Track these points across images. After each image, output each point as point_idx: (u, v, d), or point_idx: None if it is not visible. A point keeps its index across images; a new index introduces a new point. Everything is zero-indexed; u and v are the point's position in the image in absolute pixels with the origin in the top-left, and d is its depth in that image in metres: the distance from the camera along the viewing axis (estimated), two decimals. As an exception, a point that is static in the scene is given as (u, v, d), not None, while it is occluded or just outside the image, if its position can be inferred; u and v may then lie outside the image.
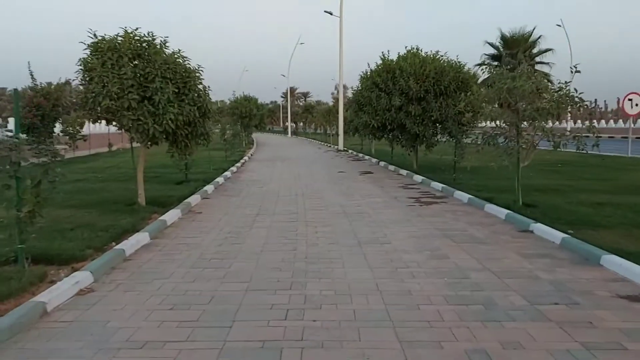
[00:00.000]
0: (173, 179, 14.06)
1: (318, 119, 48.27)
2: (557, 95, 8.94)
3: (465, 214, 9.47)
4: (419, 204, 10.71)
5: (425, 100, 16.40)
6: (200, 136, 9.78)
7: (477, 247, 6.95)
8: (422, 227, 8.32)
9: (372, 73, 17.62)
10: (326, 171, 18.24)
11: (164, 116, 8.68)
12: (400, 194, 12.11)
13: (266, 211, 9.85)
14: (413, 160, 18.07)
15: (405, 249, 6.83)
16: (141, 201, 9.59)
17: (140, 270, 5.90)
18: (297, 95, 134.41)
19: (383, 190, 12.96)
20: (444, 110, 16.16)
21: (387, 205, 10.55)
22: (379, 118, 16.88)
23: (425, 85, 16.23)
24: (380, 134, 18.05)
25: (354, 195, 12.03)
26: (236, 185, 14.17)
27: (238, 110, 34.04)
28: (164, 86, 8.78)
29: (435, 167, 18.10)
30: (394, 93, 16.53)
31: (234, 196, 11.89)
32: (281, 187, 13.72)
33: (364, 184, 14.40)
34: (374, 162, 22.38)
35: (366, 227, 8.25)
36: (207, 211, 9.82)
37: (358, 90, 18.23)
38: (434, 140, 17.18)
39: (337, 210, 9.88)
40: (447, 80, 16.25)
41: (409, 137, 17.03)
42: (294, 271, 5.80)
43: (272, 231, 8.00)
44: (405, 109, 16.45)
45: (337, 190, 12.96)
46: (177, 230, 8.04)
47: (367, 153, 26.61)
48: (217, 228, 8.24)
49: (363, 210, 9.87)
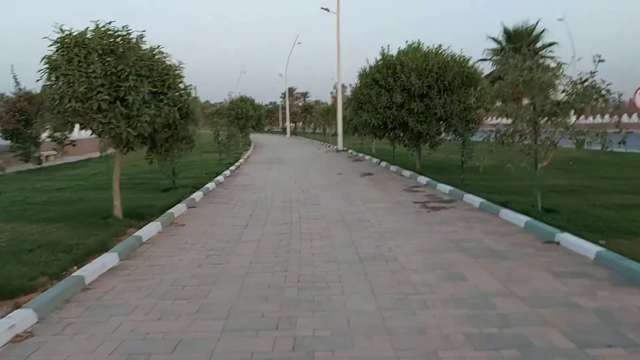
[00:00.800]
0: (160, 186, 13.10)
1: (317, 118, 47.31)
2: (581, 87, 7.96)
3: (479, 221, 8.50)
4: (426, 209, 9.74)
5: (428, 97, 15.43)
6: (182, 140, 8.81)
7: (497, 263, 5.98)
8: (432, 238, 7.35)
9: (372, 69, 16.65)
10: (325, 173, 17.27)
11: (139, 118, 7.72)
12: (405, 198, 11.14)
13: (257, 221, 8.89)
14: (416, 160, 17.10)
15: (414, 267, 5.87)
16: (117, 214, 8.63)
17: (99, 303, 4.94)
18: (296, 96, 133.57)
19: (386, 194, 11.99)
20: (448, 106, 15.20)
21: (391, 211, 9.59)
22: (379, 116, 15.90)
23: (428, 81, 15.26)
24: (381, 133, 17.07)
25: (355, 200, 11.06)
26: (228, 191, 13.21)
27: (234, 111, 33.05)
28: (139, 85, 7.81)
29: (440, 167, 17.14)
30: (395, 90, 15.56)
31: (224, 204, 10.92)
32: (276, 192, 12.75)
33: (365, 187, 13.43)
34: (375, 162, 21.41)
35: (368, 239, 7.29)
36: (191, 223, 8.86)
37: (357, 87, 17.25)
38: (438, 139, 16.20)
39: (335, 219, 8.91)
40: (451, 75, 15.29)
41: (411, 135, 16.05)
42: (283, 302, 4.84)
43: (261, 246, 7.03)
44: (407, 106, 15.48)
45: (336, 195, 12.00)
46: (153, 248, 7.07)
47: (368, 153, 25.65)
48: (200, 244, 7.27)
49: (364, 218, 8.90)
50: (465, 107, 15.34)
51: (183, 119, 8.66)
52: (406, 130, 16.10)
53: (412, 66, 15.36)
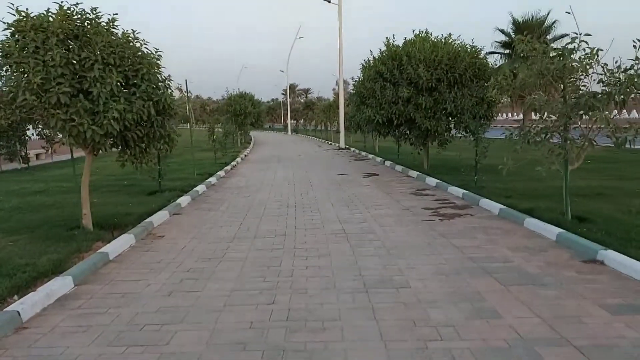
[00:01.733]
0: (148, 189, 12.00)
1: (318, 115, 46.14)
2: (624, 76, 6.79)
3: (502, 232, 7.35)
4: (439, 217, 8.60)
5: (437, 91, 14.27)
6: (159, 139, 7.68)
7: (534, 292, 4.85)
8: (449, 255, 6.21)
9: (376, 61, 15.49)
10: (325, 174, 16.13)
11: (106, 114, 6.59)
12: (413, 203, 10.00)
13: (247, 232, 7.77)
14: (423, 159, 15.95)
15: (433, 298, 4.74)
16: (86, 224, 7.51)
17: (28, 354, 3.83)
18: (298, 92, 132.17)
19: (392, 198, 10.85)
20: (459, 101, 14.04)
21: (399, 220, 8.45)
22: (384, 112, 14.75)
23: (437, 74, 14.10)
24: (385, 130, 15.92)
25: (358, 205, 9.93)
26: (219, 194, 12.09)
27: (232, 107, 31.89)
28: (106, 75, 6.70)
29: (449, 166, 15.99)
30: (401, 83, 14.41)
31: (212, 210, 9.80)
32: (272, 196, 11.63)
33: (369, 189, 12.29)
34: (379, 161, 20.26)
35: (374, 257, 6.16)
36: (171, 234, 7.74)
37: (359, 81, 16.08)
38: (448, 137, 15.04)
39: (336, 229, 7.79)
40: (462, 67, 14.12)
41: (418, 133, 14.89)
42: (266, 351, 3.72)
43: (247, 267, 5.91)
44: (415, 100, 14.33)
45: (337, 199, 10.86)
46: (119, 269, 5.95)
47: (371, 151, 24.50)
48: (176, 262, 6.15)
49: (369, 229, 7.77)
50: (478, 102, 14.21)
51: (160, 115, 7.53)
52: (413, 127, 14.95)
53: (419, 57, 14.20)
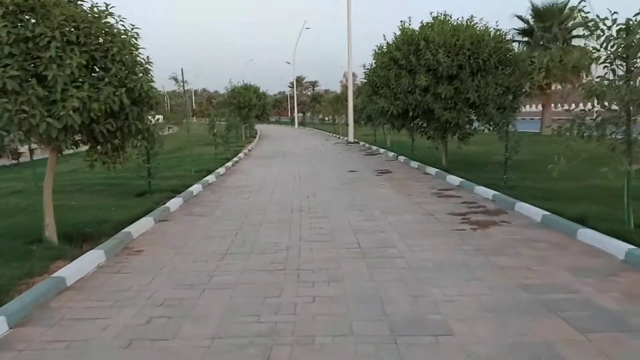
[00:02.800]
0: (138, 188, 10.75)
1: (325, 107, 44.78)
2: None
3: (552, 247, 6.01)
4: (470, 225, 7.26)
5: (458, 79, 12.87)
6: (136, 134, 6.39)
7: (627, 345, 3.52)
8: (494, 279, 4.89)
9: (390, 47, 14.09)
10: (334, 171, 14.80)
11: (64, 104, 5.31)
12: (437, 207, 8.67)
13: (242, 246, 6.48)
14: (442, 154, 14.57)
15: (489, 356, 3.43)
16: (49, 236, 6.25)
17: None
18: (305, 85, 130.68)
19: (411, 200, 9.52)
20: (482, 90, 12.63)
21: (423, 229, 7.13)
22: (399, 103, 13.37)
23: (458, 60, 12.68)
24: (400, 122, 14.55)
25: (372, 210, 8.62)
26: (216, 195, 10.81)
27: (235, 99, 30.56)
28: (66, 56, 5.41)
29: (469, 162, 14.63)
30: (419, 70, 13.01)
31: (205, 216, 8.52)
32: (274, 197, 10.33)
33: (384, 189, 10.96)
34: (391, 156, 18.89)
35: (399, 284, 4.85)
36: (151, 248, 6.46)
37: (371, 69, 14.68)
38: (470, 130, 13.64)
39: (348, 242, 6.48)
40: (487, 52, 12.69)
41: (437, 125, 13.51)
42: None
43: (238, 298, 4.62)
44: (433, 89, 12.93)
45: (348, 201, 9.55)
46: (75, 300, 4.68)
47: (382, 145, 23.11)
48: (149, 290, 4.87)
49: (388, 241, 6.46)
50: (503, 91, 12.81)
51: (137, 105, 6.24)
52: (431, 119, 13.57)
53: (439, 42, 12.78)
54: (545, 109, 29.16)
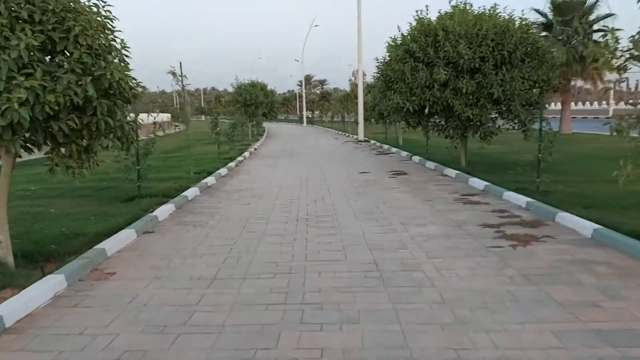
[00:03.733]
0: (127, 193, 9.70)
1: (335, 105, 43.67)
2: None
3: (619, 274, 4.84)
4: (507, 241, 6.12)
5: (480, 73, 11.70)
6: (107, 133, 5.30)
7: None
8: (559, 324, 3.75)
9: (405, 38, 12.92)
10: (344, 172, 13.68)
11: (9, 95, 4.24)
12: (464, 216, 7.53)
13: (236, 267, 5.38)
14: (461, 154, 13.40)
15: None
16: (3, 256, 5.17)
17: None
18: (314, 83, 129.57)
19: (433, 207, 8.38)
20: (507, 85, 11.45)
21: (453, 245, 5.99)
22: (415, 99, 12.21)
23: (481, 51, 11.52)
24: (415, 120, 13.39)
25: (390, 219, 7.50)
26: (213, 200, 9.73)
27: (242, 97, 29.48)
28: (13, 36, 4.34)
29: (491, 163, 13.49)
30: (437, 63, 11.86)
31: (198, 226, 7.43)
32: (278, 203, 9.23)
33: (401, 194, 9.82)
34: (405, 156, 17.72)
35: (434, 329, 3.72)
36: (126, 270, 5.38)
37: (385, 62, 13.51)
38: (493, 128, 12.45)
39: (364, 262, 5.37)
40: (512, 43, 11.51)
41: (457, 123, 12.35)
42: None
43: (218, 349, 3.51)
44: (453, 84, 11.78)
45: (361, 208, 8.43)
46: (7, 350, 3.60)
47: (394, 144, 21.94)
48: (107, 335, 3.77)
49: (413, 262, 5.34)
50: (531, 86, 11.63)
51: (108, 98, 5.15)
52: (450, 116, 12.42)
53: (459, 32, 11.62)
54: (564, 107, 27.80)
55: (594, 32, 26.36)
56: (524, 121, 11.99)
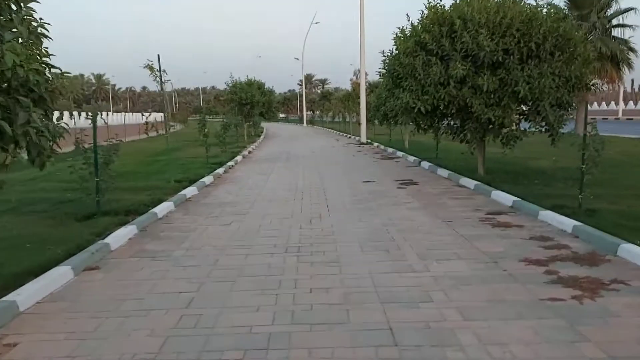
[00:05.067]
0: (91, 208, 8.08)
1: (336, 105, 42.10)
2: None
3: None
4: (567, 289, 4.50)
5: (503, 67, 10.11)
6: (8, 141, 3.70)
7: None
8: None
9: (416, 28, 11.31)
10: (346, 181, 12.09)
11: None
12: (499, 247, 5.92)
13: (190, 334, 3.79)
14: (478, 161, 11.79)
15: None
16: None
17: None
18: (315, 83, 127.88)
19: (455, 230, 6.78)
20: (535, 82, 9.85)
21: (493, 295, 4.39)
22: (428, 98, 10.61)
23: (504, 43, 9.93)
24: (427, 122, 11.78)
25: (404, 249, 5.90)
26: (187, 219, 8.12)
27: (236, 95, 27.85)
28: None
29: (510, 171, 11.92)
30: (453, 57, 10.27)
31: (157, 258, 5.83)
32: (266, 222, 7.63)
33: (413, 211, 8.22)
34: (412, 161, 16.12)
35: None
36: (35, 339, 3.78)
37: (392, 56, 11.88)
38: (518, 132, 10.82)
39: (372, 325, 3.78)
40: (541, 34, 9.92)
41: (476, 126, 10.75)
42: None
43: None
44: (472, 81, 10.19)
45: (366, 232, 6.84)
46: None
47: (399, 147, 20.34)
48: None
49: (444, 329, 3.74)
50: (563, 83, 10.05)
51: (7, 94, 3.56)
52: (467, 118, 10.83)
53: (479, 20, 10.02)
54: (579, 108, 26.10)
55: (613, 28, 24.76)
56: (552, 124, 10.41)
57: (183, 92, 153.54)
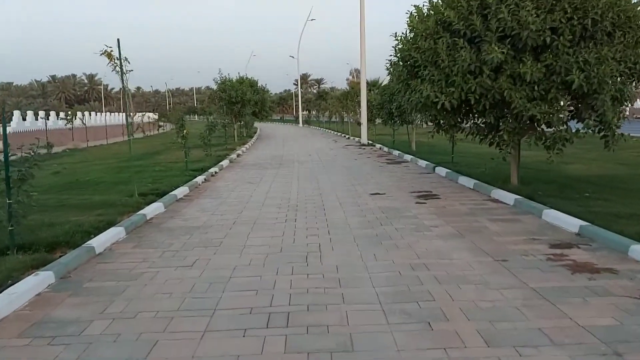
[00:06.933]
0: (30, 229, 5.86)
1: (333, 104, 39.92)
2: None
3: None
4: None
5: (551, 52, 7.96)
6: None
7: None
8: None
9: (436, 5, 9.12)
10: (350, 192, 9.92)
11: None
12: (602, 316, 3.75)
13: None
14: (512, 167, 9.62)
15: None
16: None
17: None
18: (311, 83, 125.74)
19: (515, 276, 4.60)
20: (593, 70, 7.69)
21: None
22: (454, 90, 8.44)
23: (553, 20, 7.79)
24: (452, 120, 9.59)
25: (453, 320, 3.73)
26: (135, 256, 5.89)
27: (226, 94, 25.56)
28: None
29: (550, 180, 9.82)
30: (487, 38, 8.11)
31: (60, 340, 3.63)
32: (242, 263, 5.43)
33: (446, 241, 6.01)
34: (424, 166, 13.93)
35: None
36: None
37: (407, 39, 9.66)
38: (568, 132, 8.62)
39: None
40: (599, 9, 7.77)
41: (515, 125, 8.57)
42: None
43: None
44: (511, 68, 8.04)
45: (388, 281, 4.65)
46: None
47: (405, 149, 18.18)
48: None
49: None
50: (630, 71, 7.91)
51: None
52: (505, 115, 8.67)
53: (521, -8, 7.86)
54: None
55: None
56: (609, 122, 8.25)
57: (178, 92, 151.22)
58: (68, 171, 14.87)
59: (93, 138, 31.48)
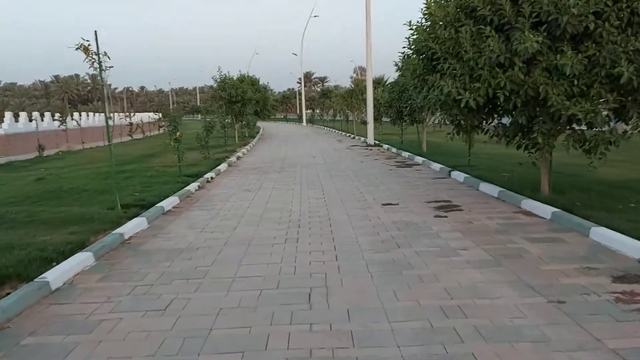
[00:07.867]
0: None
1: (337, 103, 38.77)
2: None
3: None
4: None
5: (593, 41, 6.81)
6: None
7: None
8: None
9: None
10: (359, 202, 8.81)
11: None
12: None
13: None
14: (543, 174, 8.47)
15: None
16: None
17: None
18: (314, 81, 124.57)
19: (584, 329, 3.49)
20: (643, 60, 6.55)
21: None
22: (480, 86, 7.31)
23: (597, 3, 6.65)
24: (476, 120, 8.44)
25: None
26: (96, 293, 4.82)
27: (225, 92, 24.45)
28: None
29: (585, 188, 8.66)
30: (519, 25, 6.97)
31: None
32: (230, 302, 4.35)
33: (480, 274, 4.89)
34: (438, 170, 12.79)
35: None
36: None
37: (423, 28, 8.51)
38: (613, 135, 7.46)
39: None
40: (651, -11, 6.62)
41: (550, 126, 7.43)
42: None
43: None
44: (546, 60, 6.91)
45: (416, 339, 3.55)
46: None
47: (415, 151, 17.05)
48: None
49: None
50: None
51: None
52: (539, 113, 7.53)
53: (559, -29, 6.71)
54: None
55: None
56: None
57: (181, 91, 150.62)
58: (52, 177, 13.81)
59: (90, 139, 30.47)
